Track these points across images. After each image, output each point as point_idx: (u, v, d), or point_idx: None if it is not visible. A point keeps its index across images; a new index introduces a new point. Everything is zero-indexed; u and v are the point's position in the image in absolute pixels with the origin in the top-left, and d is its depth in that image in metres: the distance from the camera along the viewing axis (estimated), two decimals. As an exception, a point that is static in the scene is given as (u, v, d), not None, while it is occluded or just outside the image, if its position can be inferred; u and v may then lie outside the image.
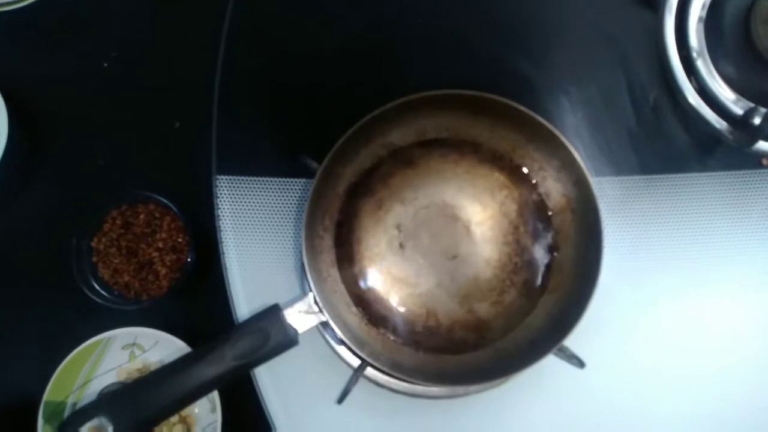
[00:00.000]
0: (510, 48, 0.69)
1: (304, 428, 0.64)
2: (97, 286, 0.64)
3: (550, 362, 0.59)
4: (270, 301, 0.60)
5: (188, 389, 0.52)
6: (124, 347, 0.64)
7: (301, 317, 0.58)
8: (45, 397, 0.61)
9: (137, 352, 0.65)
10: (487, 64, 0.69)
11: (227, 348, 0.53)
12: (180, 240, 0.65)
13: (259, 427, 0.64)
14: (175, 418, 0.63)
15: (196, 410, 0.63)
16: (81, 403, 0.62)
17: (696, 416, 0.64)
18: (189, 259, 0.64)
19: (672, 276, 0.65)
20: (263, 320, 0.57)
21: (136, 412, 0.51)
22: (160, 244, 0.65)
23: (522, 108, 0.60)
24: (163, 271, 0.65)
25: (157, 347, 0.64)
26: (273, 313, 0.58)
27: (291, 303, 0.59)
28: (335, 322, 0.58)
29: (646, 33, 0.67)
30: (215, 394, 0.61)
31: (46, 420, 0.61)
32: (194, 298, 0.67)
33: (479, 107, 0.62)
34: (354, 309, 0.64)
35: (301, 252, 0.61)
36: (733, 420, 0.64)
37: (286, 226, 0.66)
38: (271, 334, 0.55)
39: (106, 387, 0.64)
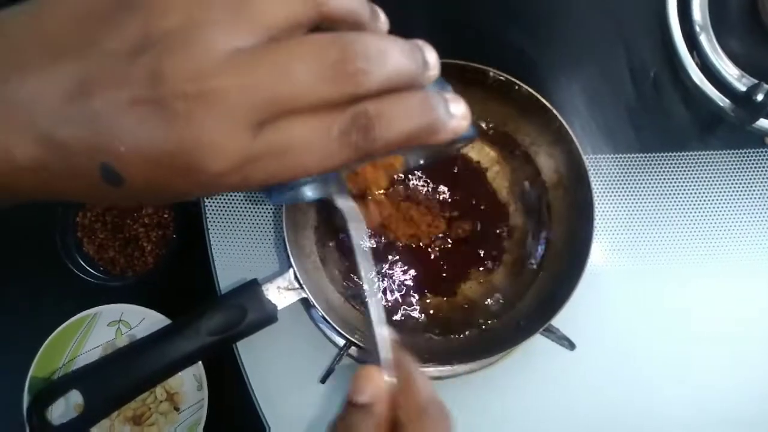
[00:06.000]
0: (508, 23, 0.67)
1: (287, 407, 0.62)
2: (81, 262, 0.63)
3: (541, 344, 0.58)
4: (254, 277, 0.59)
5: (163, 364, 0.51)
6: (110, 324, 0.64)
7: (281, 293, 0.57)
8: (31, 372, 0.60)
9: (123, 328, 0.64)
10: (485, 39, 0.67)
11: (202, 323, 0.52)
12: (166, 216, 0.65)
13: (245, 406, 0.63)
14: (162, 396, 0.62)
15: (184, 388, 0.63)
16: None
17: (689, 400, 0.62)
18: (174, 236, 0.63)
19: (669, 257, 0.63)
20: (241, 296, 0.56)
21: (110, 387, 0.51)
22: (146, 220, 0.64)
23: (512, 79, 0.58)
24: (149, 247, 0.64)
25: (143, 324, 0.63)
26: (251, 288, 0.57)
27: (270, 279, 0.58)
28: (317, 300, 0.56)
29: (648, 6, 0.65)
30: (202, 373, 0.60)
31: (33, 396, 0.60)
32: (180, 275, 0.66)
33: (468, 78, 0.59)
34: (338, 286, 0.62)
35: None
36: (724, 404, 0.62)
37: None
38: (248, 310, 0.54)
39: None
